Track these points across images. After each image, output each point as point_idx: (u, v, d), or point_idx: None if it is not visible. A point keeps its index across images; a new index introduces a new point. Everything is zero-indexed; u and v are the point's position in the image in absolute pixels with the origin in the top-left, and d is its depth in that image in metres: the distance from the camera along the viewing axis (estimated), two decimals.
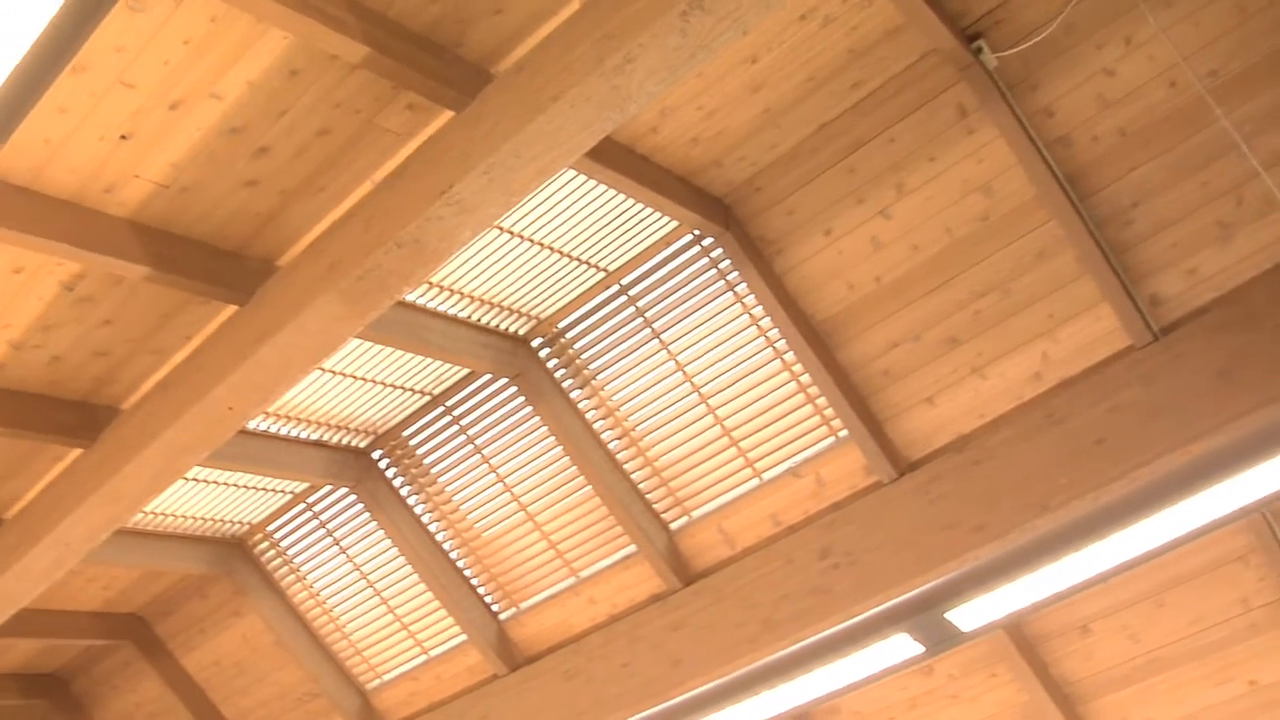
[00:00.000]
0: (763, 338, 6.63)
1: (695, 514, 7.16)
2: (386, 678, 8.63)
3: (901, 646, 6.40)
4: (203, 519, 8.40)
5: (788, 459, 6.86)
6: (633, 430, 7.12)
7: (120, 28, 4.29)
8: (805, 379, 6.61)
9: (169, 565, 8.53)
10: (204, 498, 8.14)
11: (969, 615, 6.27)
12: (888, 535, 6.20)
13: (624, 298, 6.86)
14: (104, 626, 9.42)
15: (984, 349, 6.19)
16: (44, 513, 6.62)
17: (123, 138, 4.81)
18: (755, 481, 6.95)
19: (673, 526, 7.22)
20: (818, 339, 6.44)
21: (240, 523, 8.60)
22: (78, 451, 6.80)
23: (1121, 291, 5.80)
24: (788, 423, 6.78)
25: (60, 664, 10.33)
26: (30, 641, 9.30)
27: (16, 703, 10.58)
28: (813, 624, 6.18)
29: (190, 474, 7.72)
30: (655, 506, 7.23)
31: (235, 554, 8.74)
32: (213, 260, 5.64)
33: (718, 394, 6.85)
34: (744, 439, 6.90)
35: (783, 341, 6.55)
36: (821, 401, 6.63)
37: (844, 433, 6.63)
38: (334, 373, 7.13)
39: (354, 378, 7.22)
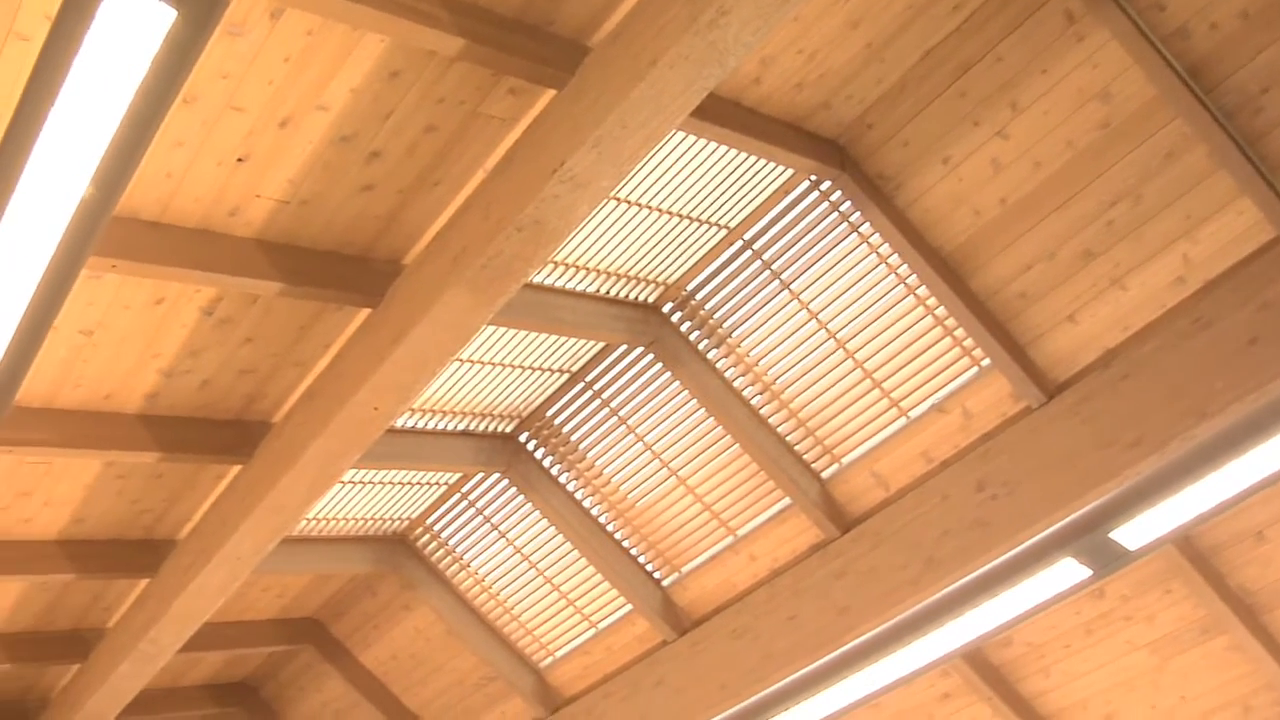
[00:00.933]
0: (893, 275, 6.55)
1: (845, 460, 7.11)
2: (559, 654, 8.75)
3: (1069, 572, 6.28)
4: (363, 519, 8.59)
5: (932, 395, 6.76)
6: (773, 384, 7.09)
7: (222, 54, 4.38)
8: (941, 312, 6.50)
9: (336, 568, 8.75)
10: (362, 499, 8.32)
11: (1135, 533, 6.12)
12: (1043, 460, 6.08)
13: (749, 252, 6.82)
14: (283, 633, 9.70)
15: (1121, 259, 6.02)
16: (213, 531, 6.84)
17: (239, 160, 4.92)
18: (902, 421, 6.88)
19: (824, 475, 7.18)
20: (949, 269, 6.33)
21: (400, 519, 8.77)
22: (237, 468, 7.01)
23: (1260, 182, 5.58)
24: (928, 358, 6.69)
25: (247, 672, 10.67)
26: (217, 653, 9.63)
27: (213, 711, 10.97)
28: (976, 558, 6.10)
29: (346, 477, 7.90)
30: (805, 457, 7.19)
31: (399, 550, 8.93)
32: (341, 268, 5.74)
33: (854, 337, 6.78)
34: (886, 380, 6.82)
35: (913, 276, 6.45)
36: (960, 333, 6.52)
37: (986, 361, 6.52)
38: (472, 362, 7.23)
39: (492, 364, 7.31)
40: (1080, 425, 6.03)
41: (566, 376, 7.65)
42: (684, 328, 7.15)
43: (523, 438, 8.04)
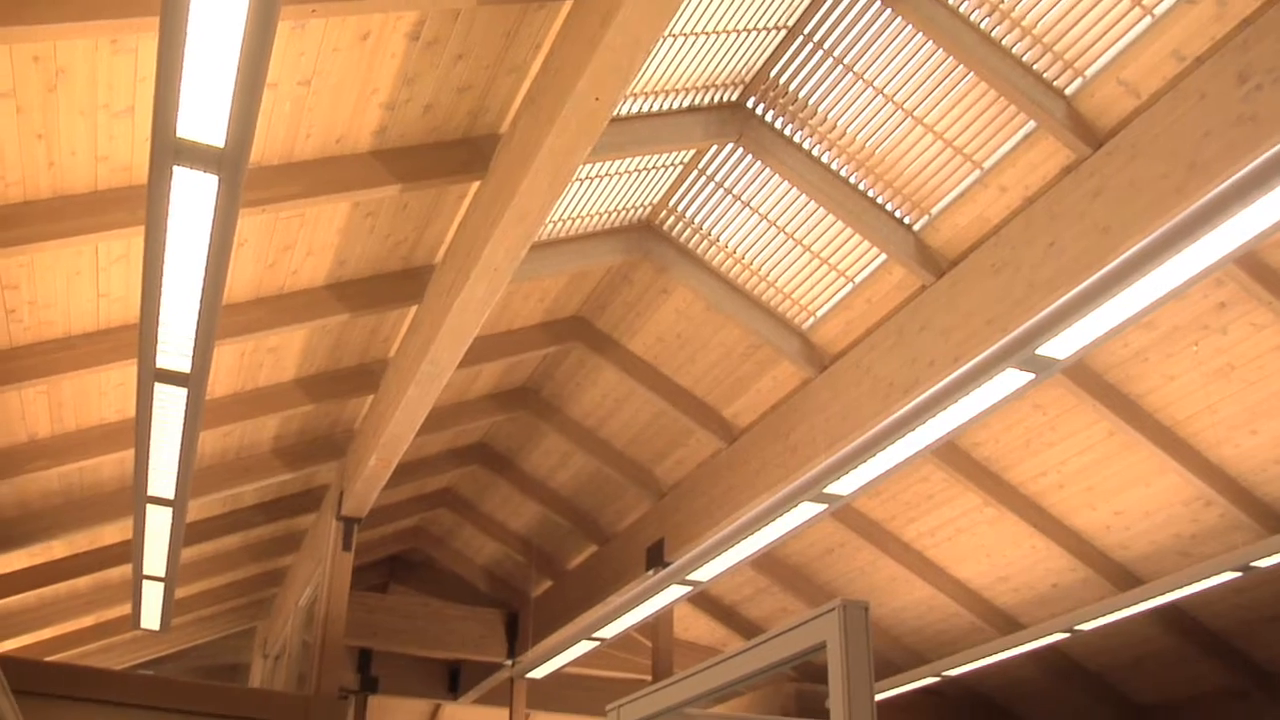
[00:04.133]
0: None
1: (1089, 73, 6.69)
2: (820, 314, 8.78)
3: None
4: (608, 212, 8.67)
5: None
6: (1002, 3, 6.66)
7: None
8: None
9: (590, 263, 8.91)
10: (603, 192, 8.37)
11: None
12: None
13: None
14: (551, 334, 10.05)
15: None
16: (466, 248, 7.02)
17: None
18: (1147, 20, 6.38)
19: (1068, 91, 6.79)
20: None
21: (643, 205, 8.82)
22: (475, 184, 7.13)
23: None
24: None
25: (525, 377, 11.16)
26: (493, 364, 10.08)
27: (500, 418, 11.60)
28: (1243, 156, 5.66)
29: (582, 174, 7.94)
30: (1045, 75, 6.80)
31: (647, 236, 9.01)
32: None
33: None
34: None
35: None
36: None
37: None
38: (685, 35, 7.04)
39: (705, 34, 7.10)
40: None
41: (784, 32, 7.39)
42: None
43: (750, 103, 7.88)
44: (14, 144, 5.61)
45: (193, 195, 5.07)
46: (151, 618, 10.82)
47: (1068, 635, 10.99)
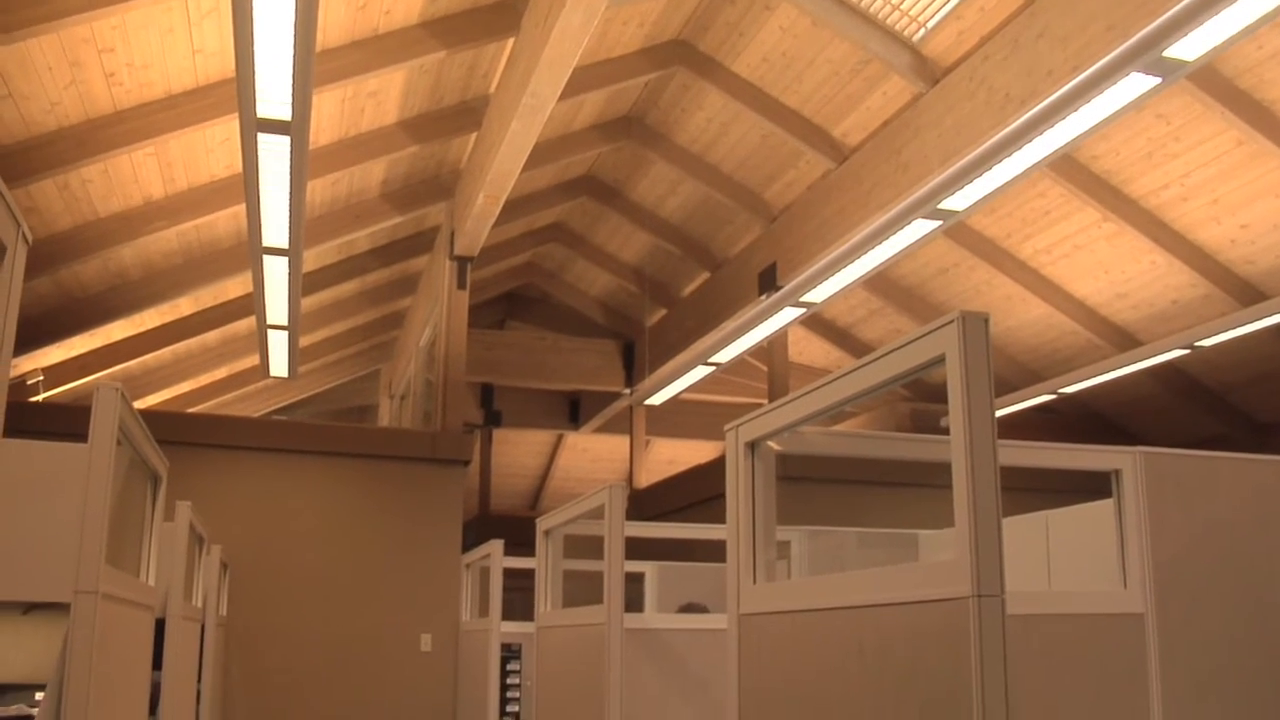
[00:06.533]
0: None
1: None
2: (930, 25, 8.39)
3: None
4: None
5: None
6: None
7: None
8: None
9: None
10: None
11: None
12: None
13: None
14: (652, 60, 9.80)
15: None
16: None
17: None
18: None
19: None
20: None
21: None
22: None
23: None
24: None
25: (628, 106, 10.96)
26: (596, 94, 9.90)
27: (605, 148, 11.47)
28: None
29: None
30: None
31: None
32: None
33: None
34: None
35: None
36: None
37: None
38: None
39: None
40: None
41: None
42: None
43: None
44: None
45: None
46: (279, 365, 11.14)
47: (1187, 352, 10.83)
